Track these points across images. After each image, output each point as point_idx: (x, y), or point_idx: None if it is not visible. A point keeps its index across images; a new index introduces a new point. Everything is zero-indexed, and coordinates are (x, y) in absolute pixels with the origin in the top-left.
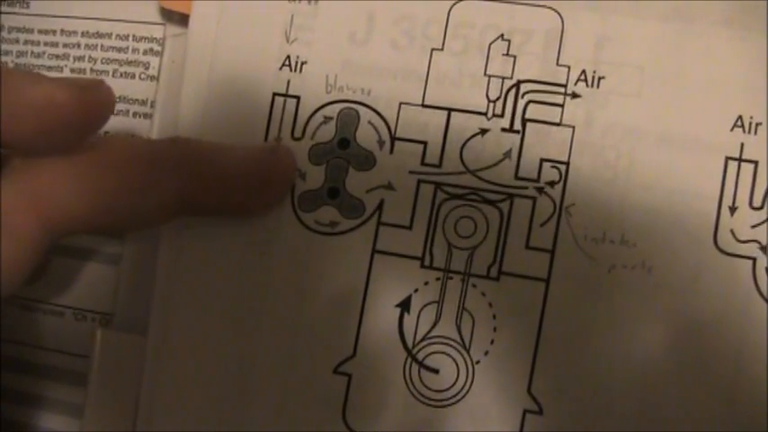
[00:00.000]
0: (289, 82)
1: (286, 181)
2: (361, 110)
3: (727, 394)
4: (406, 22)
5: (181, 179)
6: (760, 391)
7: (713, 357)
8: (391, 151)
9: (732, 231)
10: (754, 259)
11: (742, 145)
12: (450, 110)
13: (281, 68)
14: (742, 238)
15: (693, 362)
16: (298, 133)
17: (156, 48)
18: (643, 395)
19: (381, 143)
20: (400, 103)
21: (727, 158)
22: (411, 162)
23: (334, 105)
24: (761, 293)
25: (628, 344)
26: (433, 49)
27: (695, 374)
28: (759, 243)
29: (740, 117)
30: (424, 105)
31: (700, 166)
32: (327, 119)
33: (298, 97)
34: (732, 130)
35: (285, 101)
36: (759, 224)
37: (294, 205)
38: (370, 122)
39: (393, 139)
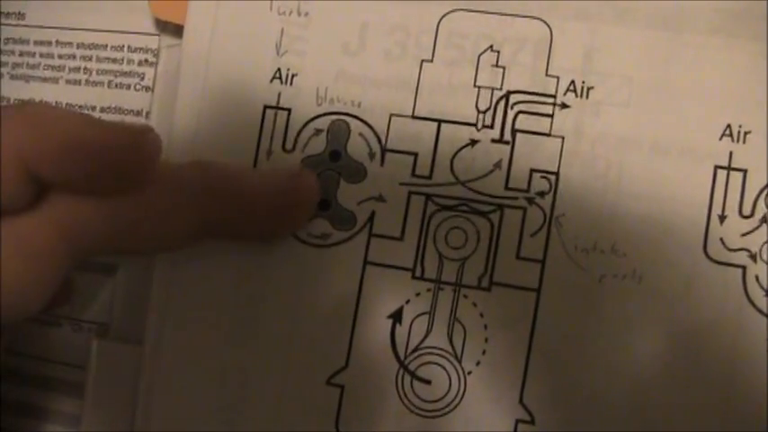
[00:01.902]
0: (279, 94)
1: (309, 206)
2: (352, 122)
3: (720, 402)
4: (399, 32)
5: (204, 204)
6: (754, 399)
7: (705, 366)
8: (382, 163)
9: (722, 240)
10: (744, 267)
11: (731, 153)
12: (440, 121)
13: (271, 81)
14: (732, 247)
15: (685, 371)
16: (289, 145)
17: (151, 58)
18: (635, 404)
19: (372, 155)
20: (391, 115)
21: (716, 167)
22: (402, 173)
23: (325, 117)
24: (751, 302)
25: (619, 353)
26: (423, 61)
27: (687, 383)
28: (749, 251)
29: (729, 126)
30: (414, 117)
31: (689, 174)
32: (318, 131)
33: (289, 110)
34: (721, 138)
35: (276, 113)
36: (748, 232)
37: None
38: (360, 134)
39: (384, 150)
